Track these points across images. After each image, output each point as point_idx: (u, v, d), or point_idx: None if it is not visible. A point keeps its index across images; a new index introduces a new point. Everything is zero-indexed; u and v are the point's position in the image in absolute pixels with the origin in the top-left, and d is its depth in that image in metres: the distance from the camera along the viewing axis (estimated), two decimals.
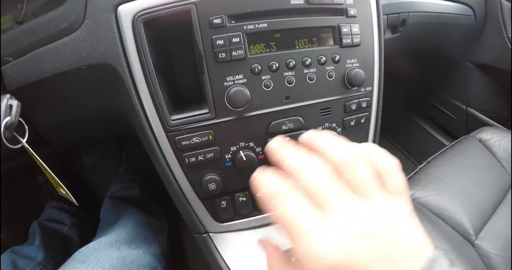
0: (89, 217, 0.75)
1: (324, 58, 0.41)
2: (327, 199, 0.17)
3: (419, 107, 1.06)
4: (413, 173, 0.65)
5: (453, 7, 0.73)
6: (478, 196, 0.61)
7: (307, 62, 0.40)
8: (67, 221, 0.71)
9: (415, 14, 0.66)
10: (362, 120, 0.46)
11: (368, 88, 0.46)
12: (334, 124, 0.44)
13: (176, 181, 0.41)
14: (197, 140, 0.39)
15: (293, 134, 0.41)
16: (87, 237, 0.52)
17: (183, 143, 0.39)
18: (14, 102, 0.37)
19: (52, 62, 0.39)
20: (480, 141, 0.71)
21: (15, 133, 0.38)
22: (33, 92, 0.42)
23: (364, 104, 0.46)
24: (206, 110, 0.39)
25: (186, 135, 0.39)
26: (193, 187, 0.41)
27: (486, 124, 0.84)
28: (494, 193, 0.63)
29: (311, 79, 0.41)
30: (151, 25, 0.37)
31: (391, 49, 0.75)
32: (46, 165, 0.43)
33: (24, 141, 0.39)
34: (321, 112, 0.43)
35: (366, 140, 0.48)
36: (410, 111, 1.09)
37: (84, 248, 0.47)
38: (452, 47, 0.84)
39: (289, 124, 0.41)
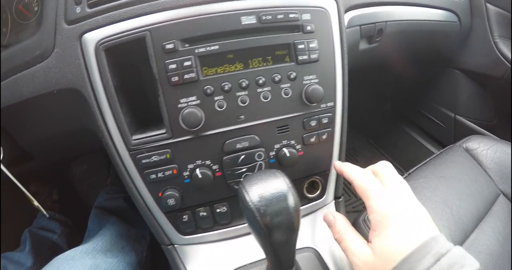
0: (78, 226, 0.79)
1: (279, 76, 0.42)
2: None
3: (408, 115, 1.03)
4: None
5: (436, 14, 0.71)
6: (459, 209, 0.59)
7: (260, 82, 0.41)
8: (57, 229, 0.75)
9: (393, 23, 0.65)
10: (324, 137, 0.46)
11: (330, 104, 0.46)
12: (292, 142, 0.44)
13: (141, 196, 0.44)
14: (156, 158, 0.41)
15: (249, 152, 0.42)
16: (75, 245, 0.55)
17: (144, 161, 0.41)
18: None
19: (28, 86, 0.43)
20: (466, 150, 0.69)
21: None
22: (14, 113, 0.46)
23: (325, 121, 0.46)
24: (163, 131, 0.41)
25: (146, 154, 0.41)
26: (156, 201, 0.43)
27: (475, 132, 0.81)
28: (477, 206, 0.61)
29: (265, 98, 0.42)
30: (113, 52, 0.40)
31: (370, 59, 0.74)
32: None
33: None
34: (278, 130, 0.43)
35: (330, 156, 0.48)
36: (398, 120, 1.06)
37: (61, 256, 0.50)
38: (437, 54, 0.81)
39: (243, 143, 0.42)
